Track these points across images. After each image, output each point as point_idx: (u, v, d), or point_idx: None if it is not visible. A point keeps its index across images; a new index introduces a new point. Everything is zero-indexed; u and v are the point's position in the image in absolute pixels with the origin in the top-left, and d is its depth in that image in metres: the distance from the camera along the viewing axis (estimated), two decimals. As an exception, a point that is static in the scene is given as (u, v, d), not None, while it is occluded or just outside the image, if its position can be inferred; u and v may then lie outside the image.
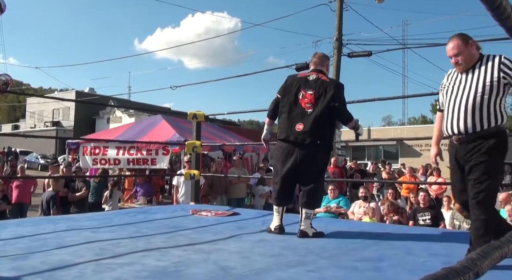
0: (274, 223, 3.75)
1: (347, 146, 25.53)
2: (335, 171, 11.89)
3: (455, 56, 2.74)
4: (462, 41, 2.73)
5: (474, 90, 2.64)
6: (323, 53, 4.05)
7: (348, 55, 15.19)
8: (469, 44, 2.73)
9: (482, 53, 2.76)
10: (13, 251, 2.87)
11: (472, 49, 2.74)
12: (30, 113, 46.23)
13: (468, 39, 2.75)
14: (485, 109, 2.60)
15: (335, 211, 6.68)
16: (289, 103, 3.66)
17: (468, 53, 2.72)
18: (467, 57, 2.71)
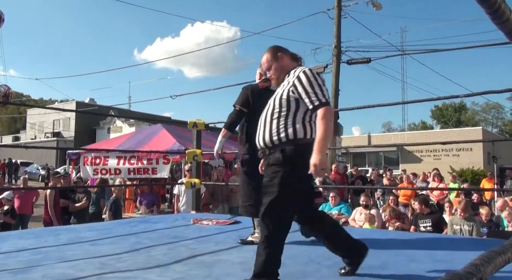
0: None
1: (347, 153, 25.53)
2: (336, 178, 11.86)
3: (267, 70, 2.69)
4: (271, 55, 2.66)
5: (273, 104, 2.53)
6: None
7: (347, 62, 15.23)
8: (279, 57, 2.64)
9: (301, 64, 2.65)
10: (14, 265, 2.86)
11: (283, 62, 2.65)
12: (30, 125, 46.27)
13: (278, 52, 2.67)
14: (275, 124, 2.47)
15: (336, 218, 6.65)
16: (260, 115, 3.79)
17: (278, 67, 2.64)
18: (277, 71, 2.64)
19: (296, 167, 2.38)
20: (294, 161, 2.38)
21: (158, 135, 11.07)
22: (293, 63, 2.67)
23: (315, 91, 2.40)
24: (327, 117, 2.36)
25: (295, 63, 2.68)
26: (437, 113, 54.31)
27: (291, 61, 2.68)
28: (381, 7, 15.97)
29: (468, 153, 24.88)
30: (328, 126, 2.35)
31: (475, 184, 18.48)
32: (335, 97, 15.08)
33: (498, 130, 51.16)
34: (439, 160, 25.40)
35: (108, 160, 9.95)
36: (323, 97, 2.40)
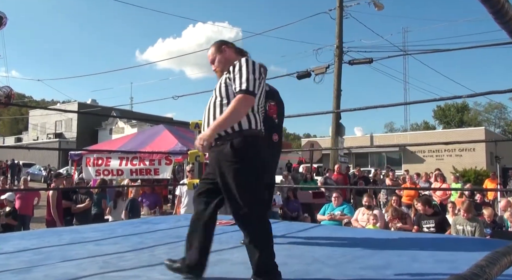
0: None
1: (350, 153, 25.49)
2: (339, 178, 11.85)
3: (212, 63, 2.71)
4: (215, 48, 2.70)
5: (214, 94, 2.53)
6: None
7: (349, 63, 15.22)
8: (223, 49, 2.68)
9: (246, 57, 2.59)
10: (16, 265, 2.86)
11: (226, 54, 2.67)
12: (32, 126, 46.36)
13: (222, 44, 2.71)
14: (218, 113, 2.44)
15: (339, 219, 6.65)
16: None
17: (222, 59, 2.66)
18: (221, 63, 2.65)
19: (249, 160, 2.34)
20: (245, 154, 2.34)
21: (160, 136, 11.08)
22: (237, 56, 2.65)
23: (241, 78, 2.38)
24: (240, 103, 2.31)
25: (239, 56, 2.65)
26: (439, 113, 54.22)
27: (235, 54, 2.68)
28: (383, 8, 15.96)
29: (470, 153, 24.83)
30: (235, 111, 2.30)
31: (478, 184, 18.44)
32: (337, 97, 15.07)
33: (500, 131, 51.06)
34: (442, 160, 25.35)
35: (110, 161, 9.96)
36: (246, 85, 2.35)
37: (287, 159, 24.80)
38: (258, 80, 2.44)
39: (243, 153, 2.33)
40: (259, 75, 2.45)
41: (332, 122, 15.24)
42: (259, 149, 2.40)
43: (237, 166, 2.31)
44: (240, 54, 2.70)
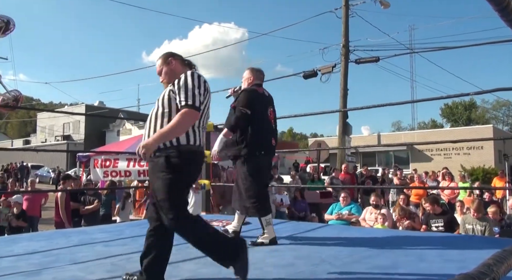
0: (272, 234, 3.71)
1: (357, 152, 25.42)
2: (346, 178, 11.82)
3: (159, 75, 2.73)
4: (162, 60, 2.71)
5: (157, 104, 2.56)
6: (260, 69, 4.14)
7: (356, 62, 15.19)
8: (169, 61, 2.69)
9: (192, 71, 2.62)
10: (26, 267, 2.88)
11: (172, 66, 2.69)
12: (41, 128, 46.66)
13: (169, 56, 2.72)
14: (159, 125, 2.49)
15: (346, 218, 6.63)
16: (262, 119, 3.76)
17: (168, 71, 2.68)
18: (167, 75, 2.67)
19: (181, 174, 2.40)
20: (180, 168, 2.39)
21: (167, 137, 11.10)
22: (184, 68, 2.69)
23: (186, 92, 2.42)
24: (184, 117, 2.36)
25: (186, 68, 2.70)
26: (447, 111, 53.91)
27: (182, 66, 2.71)
28: (389, 6, 15.90)
29: (479, 151, 24.66)
30: (179, 124, 2.34)
31: (486, 183, 18.31)
32: (344, 97, 15.04)
33: (509, 128, 50.68)
34: (450, 159, 25.22)
35: (118, 162, 10.00)
36: (192, 100, 2.40)
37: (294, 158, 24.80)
38: (203, 95, 2.47)
39: (176, 166, 2.38)
40: (204, 91, 2.49)
41: (339, 121, 15.21)
42: (193, 164, 2.47)
43: (168, 176, 2.37)
44: (188, 66, 2.75)
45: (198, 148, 2.50)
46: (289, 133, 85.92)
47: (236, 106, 3.70)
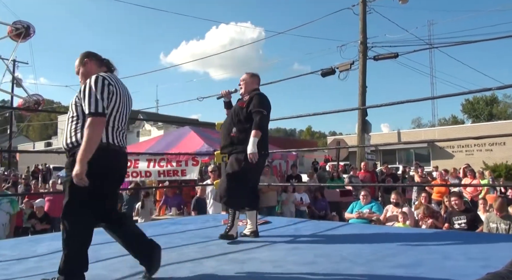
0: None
1: (376, 150, 25.19)
2: (366, 176, 11.71)
3: (77, 75, 2.79)
4: (79, 60, 2.79)
5: (70, 108, 2.67)
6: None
7: (374, 58, 15.04)
8: (85, 62, 2.76)
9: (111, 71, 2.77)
10: (49, 267, 2.93)
11: (87, 67, 2.75)
12: (61, 130, 47.33)
13: (85, 57, 2.78)
14: (69, 127, 2.61)
15: (367, 217, 6.58)
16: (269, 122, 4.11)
17: (84, 72, 2.74)
18: (83, 76, 2.72)
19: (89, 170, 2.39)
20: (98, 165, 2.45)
21: (186, 137, 11.15)
22: (99, 70, 2.73)
23: (89, 99, 2.47)
24: (91, 127, 2.42)
25: (102, 69, 2.75)
26: (468, 107, 53.00)
27: (97, 68, 2.75)
28: (407, 1, 15.70)
29: (501, 147, 24.18)
30: (91, 137, 2.40)
31: (509, 179, 17.97)
32: (362, 94, 14.91)
33: (532, 123, 49.59)
34: (472, 155, 24.79)
35: (138, 163, 10.08)
36: (94, 107, 2.45)
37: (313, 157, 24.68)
38: (107, 99, 2.53)
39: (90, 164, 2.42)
40: (108, 94, 2.54)
41: (358, 119, 15.09)
42: (103, 161, 2.48)
43: (70, 173, 2.44)
44: (105, 67, 2.79)
45: (109, 146, 2.55)
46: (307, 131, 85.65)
47: (252, 108, 3.84)
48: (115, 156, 2.61)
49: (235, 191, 3.81)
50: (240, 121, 3.91)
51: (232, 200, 3.86)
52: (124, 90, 2.71)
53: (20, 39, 21.71)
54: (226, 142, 3.98)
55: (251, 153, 3.69)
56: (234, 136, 3.91)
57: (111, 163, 2.59)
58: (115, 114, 2.61)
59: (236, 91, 4.25)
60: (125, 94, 2.71)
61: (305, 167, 22.41)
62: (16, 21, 21.69)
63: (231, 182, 3.81)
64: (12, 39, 21.91)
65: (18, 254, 3.43)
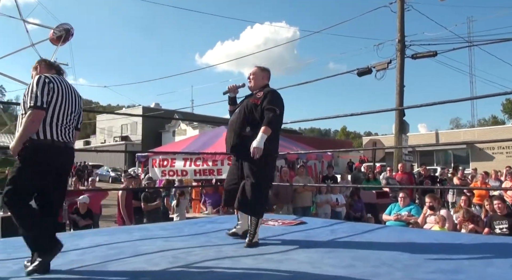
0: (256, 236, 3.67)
1: (414, 151, 24.69)
2: (403, 178, 11.49)
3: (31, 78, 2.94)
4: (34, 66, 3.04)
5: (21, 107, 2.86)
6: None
7: (412, 57, 14.73)
8: (37, 67, 3.02)
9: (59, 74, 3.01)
10: (91, 260, 3.05)
11: (38, 71, 2.97)
12: (100, 130, 48.61)
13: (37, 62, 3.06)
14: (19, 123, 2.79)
15: (405, 219, 6.46)
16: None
17: (35, 74, 2.92)
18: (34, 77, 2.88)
19: (27, 164, 2.72)
20: (26, 159, 2.72)
21: (222, 137, 11.20)
22: (48, 72, 2.96)
23: (30, 95, 2.73)
24: (29, 118, 2.69)
25: (51, 72, 2.98)
26: (509, 107, 51.24)
27: (46, 70, 2.99)
28: (446, -2, 15.30)
29: (544, 149, 23.32)
30: (27, 126, 2.69)
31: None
32: (400, 93, 14.62)
33: None
34: (513, 157, 24.01)
35: (175, 162, 10.24)
36: (34, 101, 2.71)
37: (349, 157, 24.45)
38: (47, 95, 2.76)
39: (25, 158, 2.72)
40: (48, 91, 2.77)
41: (395, 119, 14.81)
42: (40, 156, 2.73)
43: (18, 166, 2.73)
44: (55, 70, 3.03)
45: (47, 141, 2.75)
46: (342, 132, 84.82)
47: (266, 104, 3.65)
48: (58, 152, 2.82)
49: (260, 198, 3.67)
50: (254, 119, 3.67)
51: (258, 208, 3.67)
52: (69, 90, 2.93)
53: (60, 42, 22.33)
54: (238, 141, 3.72)
55: (255, 147, 3.48)
56: (248, 136, 3.64)
57: (53, 159, 2.80)
58: (59, 111, 2.83)
59: (244, 85, 4.02)
60: (70, 93, 2.93)
61: (340, 167, 22.25)
62: (59, 25, 22.33)
63: (256, 189, 3.61)
64: (53, 43, 22.54)
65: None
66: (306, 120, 6.77)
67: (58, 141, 2.79)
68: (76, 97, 2.98)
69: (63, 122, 2.84)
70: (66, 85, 2.92)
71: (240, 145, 3.69)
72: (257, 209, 3.65)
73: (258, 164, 3.60)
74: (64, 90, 2.86)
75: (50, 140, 2.76)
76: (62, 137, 2.82)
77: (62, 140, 2.82)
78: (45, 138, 2.75)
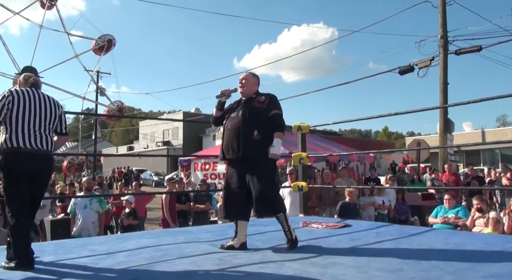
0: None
1: (459, 151, 23.93)
2: (450, 179, 11.13)
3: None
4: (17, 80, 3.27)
5: None
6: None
7: (456, 53, 14.26)
8: (18, 81, 3.25)
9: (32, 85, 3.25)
10: (137, 261, 3.12)
11: (18, 85, 3.23)
12: (142, 135, 49.72)
13: (19, 77, 3.31)
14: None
15: (453, 222, 6.26)
16: None
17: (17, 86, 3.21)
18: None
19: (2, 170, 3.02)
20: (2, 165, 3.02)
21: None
22: (24, 85, 3.22)
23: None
24: None
25: (26, 85, 3.22)
26: None
27: (23, 84, 3.25)
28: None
29: None
30: None
31: None
32: (444, 91, 14.18)
33: None
34: None
35: (217, 165, 10.35)
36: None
37: (392, 159, 23.94)
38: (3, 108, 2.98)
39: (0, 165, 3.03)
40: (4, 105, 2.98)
41: (440, 118, 14.37)
42: (9, 162, 2.98)
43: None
44: (30, 84, 3.24)
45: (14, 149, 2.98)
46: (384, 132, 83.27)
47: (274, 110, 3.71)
48: (26, 159, 3.01)
49: (279, 196, 3.83)
50: (259, 123, 3.64)
51: (280, 205, 3.73)
52: (40, 100, 3.13)
53: (102, 52, 23.01)
54: (245, 145, 3.60)
55: (274, 154, 3.55)
56: (257, 140, 3.59)
57: (21, 165, 2.99)
58: (23, 120, 3.03)
59: (236, 90, 3.95)
60: (41, 103, 3.13)
61: (382, 168, 21.83)
62: (101, 36, 23.03)
63: (273, 190, 3.70)
64: (95, 53, 23.25)
65: (107, 250, 3.65)
66: (349, 120, 6.66)
67: (25, 148, 2.99)
68: (49, 105, 3.17)
69: (30, 130, 3.03)
70: (37, 96, 3.14)
71: (248, 148, 3.60)
72: (279, 206, 3.68)
73: (269, 168, 3.69)
74: (31, 101, 3.08)
75: (17, 147, 2.98)
76: (31, 144, 3.01)
77: (30, 147, 3.00)
78: (12, 146, 2.98)
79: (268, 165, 3.65)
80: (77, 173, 23.59)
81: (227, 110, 3.96)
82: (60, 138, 3.33)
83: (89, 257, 3.36)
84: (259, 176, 3.59)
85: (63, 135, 3.32)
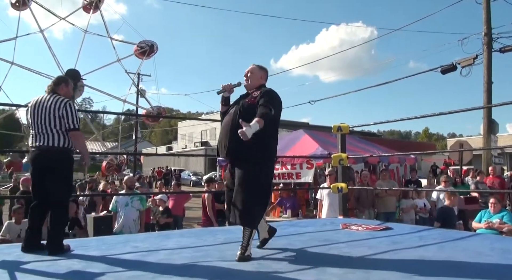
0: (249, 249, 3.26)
1: (503, 153, 23.10)
2: (495, 182, 10.75)
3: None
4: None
5: None
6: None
7: (500, 50, 13.75)
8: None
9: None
10: (179, 260, 3.17)
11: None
12: (181, 136, 50.54)
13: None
14: None
15: (497, 227, 6.04)
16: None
17: None
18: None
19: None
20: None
21: (300, 140, 11.19)
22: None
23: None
24: None
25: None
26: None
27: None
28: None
29: None
30: None
31: None
32: (488, 91, 13.70)
33: None
34: None
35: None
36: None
37: (432, 160, 23.35)
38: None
39: None
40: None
41: (483, 118, 13.89)
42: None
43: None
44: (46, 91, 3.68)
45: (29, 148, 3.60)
46: (424, 134, 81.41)
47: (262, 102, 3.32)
48: (32, 156, 3.55)
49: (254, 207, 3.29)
50: (251, 121, 3.16)
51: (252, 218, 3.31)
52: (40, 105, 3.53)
53: (144, 56, 23.54)
54: (233, 144, 3.31)
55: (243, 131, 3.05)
56: (247, 140, 3.09)
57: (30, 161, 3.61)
58: (28, 124, 3.67)
59: (239, 85, 3.64)
60: (39, 107, 3.53)
61: (423, 171, 21.32)
62: (142, 41, 23.58)
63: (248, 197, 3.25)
64: (138, 57, 23.80)
65: (148, 247, 3.73)
66: (391, 121, 6.54)
67: (31, 147, 3.57)
68: (45, 107, 3.51)
69: (33, 132, 3.56)
70: (40, 101, 3.56)
71: (236, 148, 3.31)
72: (251, 219, 3.30)
73: (253, 171, 3.29)
74: (33, 107, 3.55)
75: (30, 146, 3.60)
76: (34, 144, 3.53)
77: (33, 146, 3.54)
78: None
79: (256, 168, 3.30)
80: (116, 173, 24.19)
81: (231, 105, 3.64)
82: (71, 134, 3.57)
83: (132, 253, 3.44)
84: (241, 179, 3.30)
85: (73, 130, 3.55)
